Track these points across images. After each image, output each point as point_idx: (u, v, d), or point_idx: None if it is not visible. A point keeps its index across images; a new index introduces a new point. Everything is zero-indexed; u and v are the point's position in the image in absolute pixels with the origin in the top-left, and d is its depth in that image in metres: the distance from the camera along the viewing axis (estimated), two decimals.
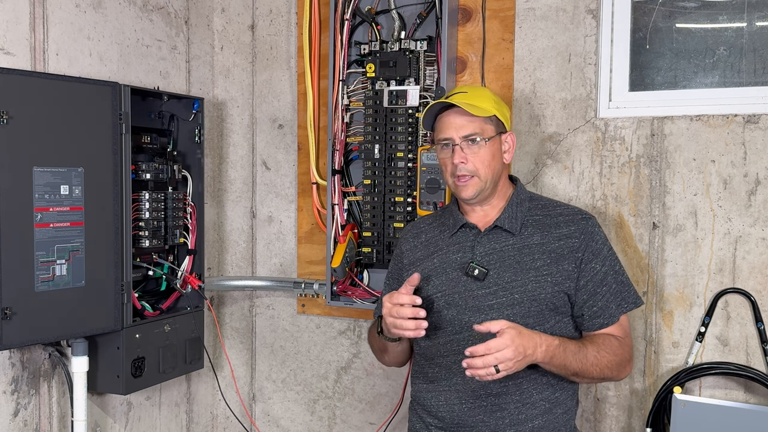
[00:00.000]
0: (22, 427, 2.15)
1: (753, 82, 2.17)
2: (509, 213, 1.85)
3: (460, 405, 1.81)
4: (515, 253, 1.82)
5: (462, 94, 1.85)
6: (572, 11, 2.31)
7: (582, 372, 1.75)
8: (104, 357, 2.23)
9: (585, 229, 1.83)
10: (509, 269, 1.80)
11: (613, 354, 1.79)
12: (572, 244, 1.81)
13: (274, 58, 2.81)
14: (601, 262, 1.82)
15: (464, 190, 1.83)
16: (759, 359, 2.12)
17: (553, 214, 1.87)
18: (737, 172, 2.14)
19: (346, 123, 2.54)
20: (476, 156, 1.80)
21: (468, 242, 1.86)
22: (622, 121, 2.27)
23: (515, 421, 1.78)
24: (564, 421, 1.84)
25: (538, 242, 1.83)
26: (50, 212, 2.00)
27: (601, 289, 1.81)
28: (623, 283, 1.86)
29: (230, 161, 2.90)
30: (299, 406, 2.84)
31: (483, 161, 1.81)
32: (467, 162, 1.80)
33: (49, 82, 2.01)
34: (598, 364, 1.76)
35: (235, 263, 2.91)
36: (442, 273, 1.86)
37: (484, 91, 1.92)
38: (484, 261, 1.82)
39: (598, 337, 1.81)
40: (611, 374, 1.81)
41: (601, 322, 1.82)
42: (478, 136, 1.80)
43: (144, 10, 2.53)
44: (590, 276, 1.81)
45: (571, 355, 1.72)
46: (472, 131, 1.80)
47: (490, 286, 1.80)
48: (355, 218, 2.58)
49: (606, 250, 1.85)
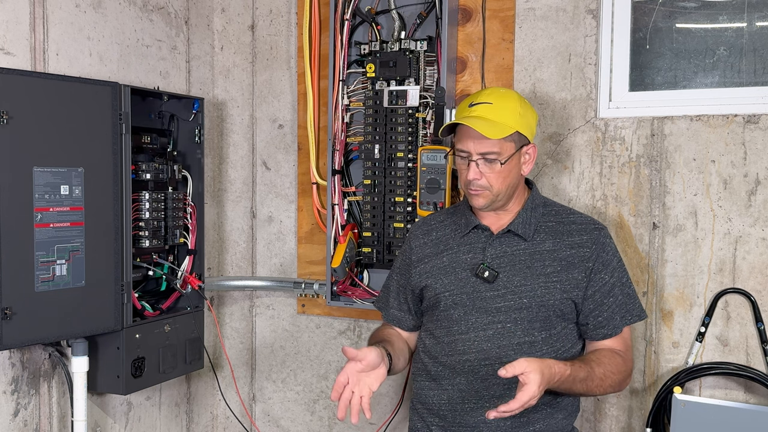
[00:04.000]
0: (22, 427, 2.15)
1: (753, 82, 2.17)
2: (523, 218, 1.85)
3: (463, 405, 1.81)
4: (526, 258, 1.82)
5: (486, 106, 1.79)
6: (572, 11, 2.31)
7: (584, 393, 1.79)
8: (104, 357, 2.23)
9: (597, 240, 1.84)
10: (519, 273, 1.81)
11: (618, 373, 1.82)
12: (583, 253, 1.82)
13: (274, 58, 2.81)
14: (610, 274, 1.84)
15: (476, 199, 1.82)
16: (759, 359, 2.12)
17: (566, 222, 1.88)
18: (737, 172, 2.14)
19: (346, 123, 2.54)
20: (492, 173, 1.78)
21: (480, 244, 1.86)
22: (622, 121, 2.27)
23: (517, 423, 1.78)
24: (564, 425, 1.86)
25: (550, 249, 1.83)
26: (50, 212, 2.00)
27: (608, 300, 1.82)
28: (629, 296, 1.87)
29: (230, 161, 2.90)
30: (299, 406, 2.84)
31: (498, 178, 1.79)
32: (482, 178, 1.79)
33: (49, 82, 2.00)
34: (602, 385, 1.79)
35: (235, 263, 2.91)
36: (451, 272, 1.87)
37: (510, 100, 1.83)
38: (494, 263, 1.82)
39: (604, 357, 1.82)
40: (612, 390, 1.85)
41: (604, 332, 1.84)
42: (495, 155, 1.77)
43: (144, 10, 2.53)
44: (598, 286, 1.82)
45: (579, 383, 1.74)
46: (490, 150, 1.77)
47: (499, 288, 1.80)
48: (355, 218, 2.57)
49: (616, 261, 1.86)
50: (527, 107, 1.86)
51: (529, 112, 1.86)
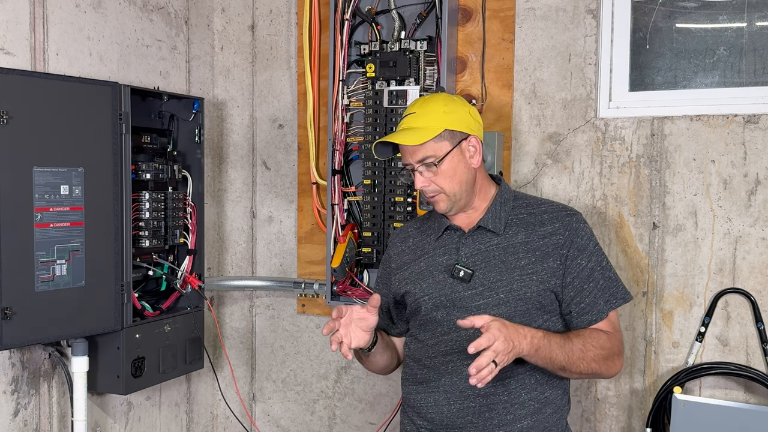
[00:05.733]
0: (22, 427, 2.15)
1: (753, 82, 2.17)
2: (492, 213, 1.84)
3: (449, 406, 1.80)
4: (500, 252, 1.81)
5: (410, 116, 1.82)
6: (572, 11, 2.31)
7: (569, 365, 1.73)
8: (104, 357, 2.23)
9: (569, 225, 1.82)
10: (494, 269, 1.80)
11: (600, 347, 1.77)
12: (557, 240, 1.80)
13: (274, 58, 2.81)
14: (587, 258, 1.81)
15: (436, 205, 1.84)
16: (759, 359, 2.12)
17: (537, 212, 1.86)
18: (737, 172, 2.14)
19: (346, 123, 2.54)
20: (437, 176, 1.79)
21: (453, 244, 1.86)
22: (622, 121, 2.27)
23: (504, 421, 1.77)
24: (554, 421, 1.83)
25: (523, 241, 1.81)
26: (50, 212, 2.00)
27: (588, 285, 1.80)
28: (611, 279, 1.84)
29: (230, 161, 2.90)
30: (299, 406, 2.84)
31: (445, 178, 1.79)
32: (429, 184, 1.80)
33: (49, 82, 2.00)
34: (584, 357, 1.74)
35: (235, 263, 2.91)
36: (428, 276, 1.86)
37: (434, 102, 1.83)
38: (469, 262, 1.82)
39: (584, 331, 1.79)
40: (599, 368, 1.78)
41: (589, 318, 1.80)
42: (431, 158, 1.78)
43: (144, 10, 2.53)
44: (576, 272, 1.79)
45: (557, 347, 1.70)
46: (424, 155, 1.78)
47: (476, 286, 1.80)
48: (355, 218, 2.58)
49: (592, 245, 1.83)
50: (456, 103, 1.83)
51: (459, 106, 1.83)
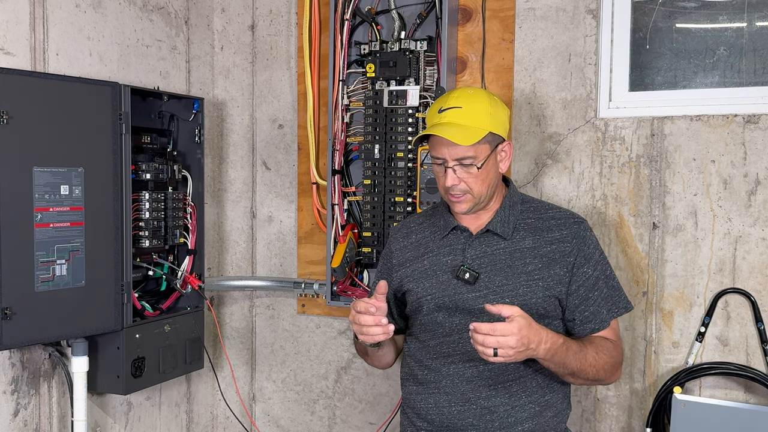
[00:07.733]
0: (22, 427, 2.15)
1: (753, 82, 2.17)
2: (501, 217, 1.83)
3: (449, 408, 1.80)
4: (506, 257, 1.80)
5: (455, 110, 1.76)
6: (572, 11, 2.31)
7: (579, 372, 1.74)
8: (104, 357, 2.23)
9: (577, 234, 1.82)
10: (500, 273, 1.79)
11: (609, 356, 1.80)
12: (564, 248, 1.80)
13: (274, 58, 2.81)
14: (593, 267, 1.82)
15: (458, 206, 1.80)
16: (759, 359, 2.12)
17: (545, 218, 1.85)
18: (737, 172, 2.14)
19: (346, 123, 2.54)
20: (470, 177, 1.76)
21: (459, 245, 1.85)
22: (622, 121, 2.27)
23: (504, 424, 1.77)
24: (554, 424, 1.83)
25: (530, 246, 1.81)
26: (50, 212, 2.00)
27: (593, 294, 1.81)
28: (614, 288, 1.86)
29: (230, 161, 2.90)
30: (299, 406, 2.84)
31: (477, 181, 1.76)
32: (460, 183, 1.76)
33: (49, 82, 2.00)
34: (595, 364, 1.76)
35: (235, 263, 2.91)
36: (432, 275, 1.85)
37: (480, 101, 1.78)
38: (475, 264, 1.81)
39: (595, 339, 1.81)
40: (605, 376, 1.80)
41: (592, 327, 1.81)
42: (470, 160, 1.74)
43: (144, 10, 2.53)
44: (582, 281, 1.80)
45: (573, 354, 1.71)
46: (465, 155, 1.74)
47: (481, 289, 1.79)
48: (355, 218, 2.58)
49: (598, 254, 1.84)
50: (497, 104, 1.81)
51: (500, 109, 1.81)
